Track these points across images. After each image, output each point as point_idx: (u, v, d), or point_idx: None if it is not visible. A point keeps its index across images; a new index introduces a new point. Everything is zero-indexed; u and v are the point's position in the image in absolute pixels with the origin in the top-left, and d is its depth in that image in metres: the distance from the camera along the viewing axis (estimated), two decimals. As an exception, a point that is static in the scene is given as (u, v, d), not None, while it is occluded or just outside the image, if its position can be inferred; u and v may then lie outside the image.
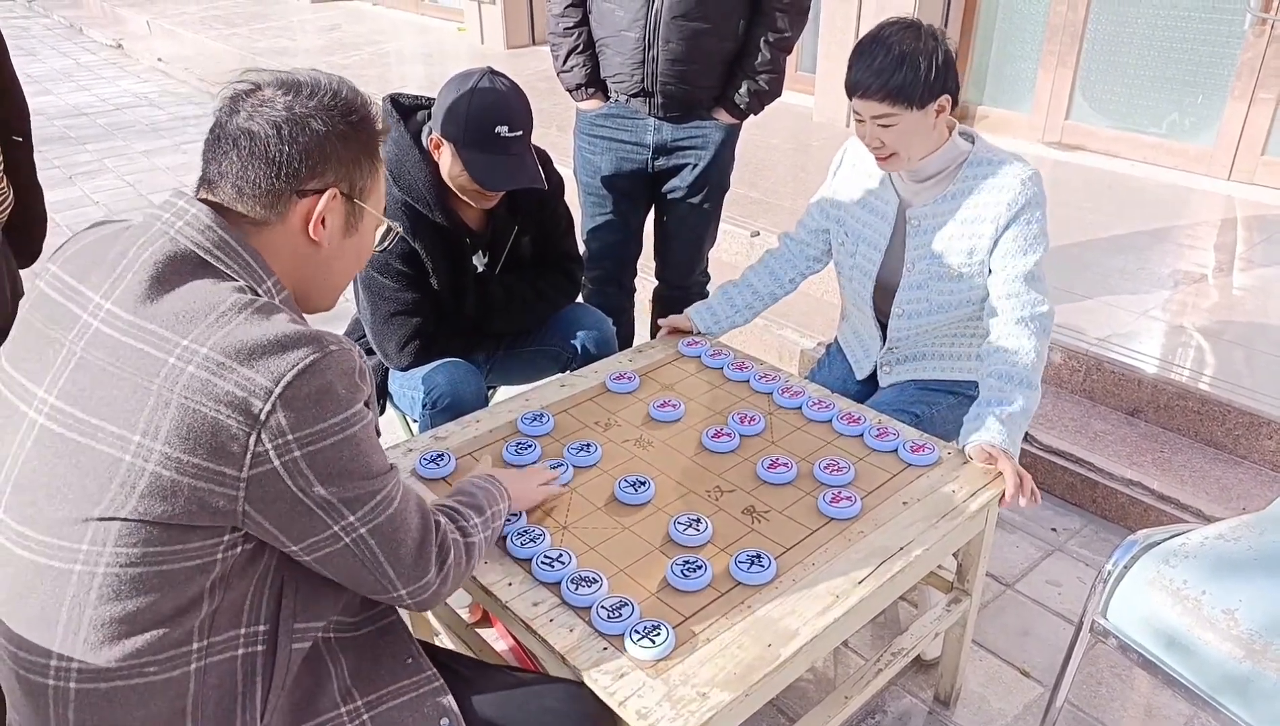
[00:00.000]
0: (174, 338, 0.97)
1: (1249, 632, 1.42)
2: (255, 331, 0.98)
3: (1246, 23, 3.79)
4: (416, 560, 1.12)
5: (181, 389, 0.95)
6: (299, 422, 0.97)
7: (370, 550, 1.08)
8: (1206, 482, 2.45)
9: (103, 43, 9.42)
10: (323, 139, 1.08)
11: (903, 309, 1.95)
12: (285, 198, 1.08)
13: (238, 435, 0.95)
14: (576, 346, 2.21)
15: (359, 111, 1.12)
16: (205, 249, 1.04)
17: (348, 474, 1.03)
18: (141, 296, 1.00)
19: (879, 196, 1.96)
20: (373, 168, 1.15)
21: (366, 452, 1.05)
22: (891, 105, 1.72)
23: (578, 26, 2.44)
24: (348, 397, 1.02)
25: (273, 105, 1.07)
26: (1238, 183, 4.03)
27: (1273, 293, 3.12)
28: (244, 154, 1.06)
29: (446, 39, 7.83)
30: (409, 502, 1.13)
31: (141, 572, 0.97)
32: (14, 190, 1.98)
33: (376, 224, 1.21)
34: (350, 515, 1.05)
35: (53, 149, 5.79)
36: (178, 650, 1.01)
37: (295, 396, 0.97)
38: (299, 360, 0.98)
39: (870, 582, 1.40)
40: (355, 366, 1.04)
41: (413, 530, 1.12)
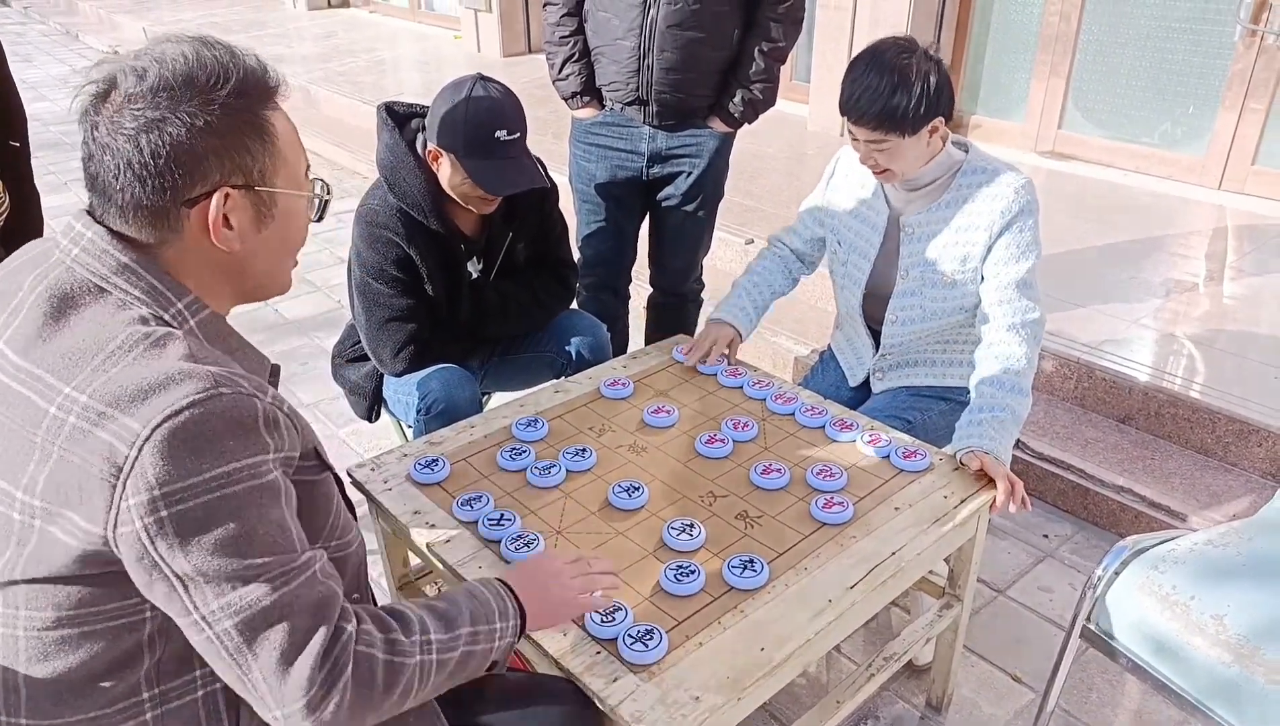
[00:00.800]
0: (58, 385, 0.88)
1: (1238, 637, 1.43)
2: (140, 372, 0.87)
3: (1237, 34, 3.82)
4: (284, 672, 0.90)
5: (62, 441, 0.86)
6: (169, 474, 0.84)
7: (236, 649, 0.89)
8: (1196, 489, 2.46)
9: (98, 49, 9.42)
10: (189, 138, 0.92)
11: (896, 316, 1.97)
12: (171, 214, 0.94)
13: (101, 487, 0.85)
14: (571, 352, 2.22)
15: (229, 84, 0.94)
16: (102, 276, 0.93)
17: (219, 545, 0.87)
18: (33, 336, 0.91)
19: (870, 206, 1.98)
20: (264, 143, 0.98)
21: (251, 520, 0.88)
22: (885, 132, 1.74)
23: (573, 35, 2.45)
24: (235, 449, 0.87)
25: (126, 110, 0.91)
26: (1228, 192, 4.06)
27: (1263, 302, 3.14)
28: (111, 175, 0.93)
29: (443, 47, 7.85)
30: (301, 596, 0.92)
31: (63, 635, 0.91)
32: (11, 196, 1.98)
33: (298, 198, 1.04)
34: (214, 601, 0.88)
35: (48, 155, 5.79)
36: (128, 701, 0.95)
37: (167, 441, 0.84)
38: (176, 401, 0.85)
39: (862, 588, 1.41)
40: (255, 415, 0.90)
41: (293, 633, 0.90)
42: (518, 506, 1.57)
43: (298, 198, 1.04)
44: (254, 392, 0.91)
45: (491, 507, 1.55)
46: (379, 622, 1.01)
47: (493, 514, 1.53)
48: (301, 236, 1.08)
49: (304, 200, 1.06)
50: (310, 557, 0.95)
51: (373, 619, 1.01)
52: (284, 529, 0.92)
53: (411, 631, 1.03)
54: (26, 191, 2.04)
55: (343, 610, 0.97)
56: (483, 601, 1.13)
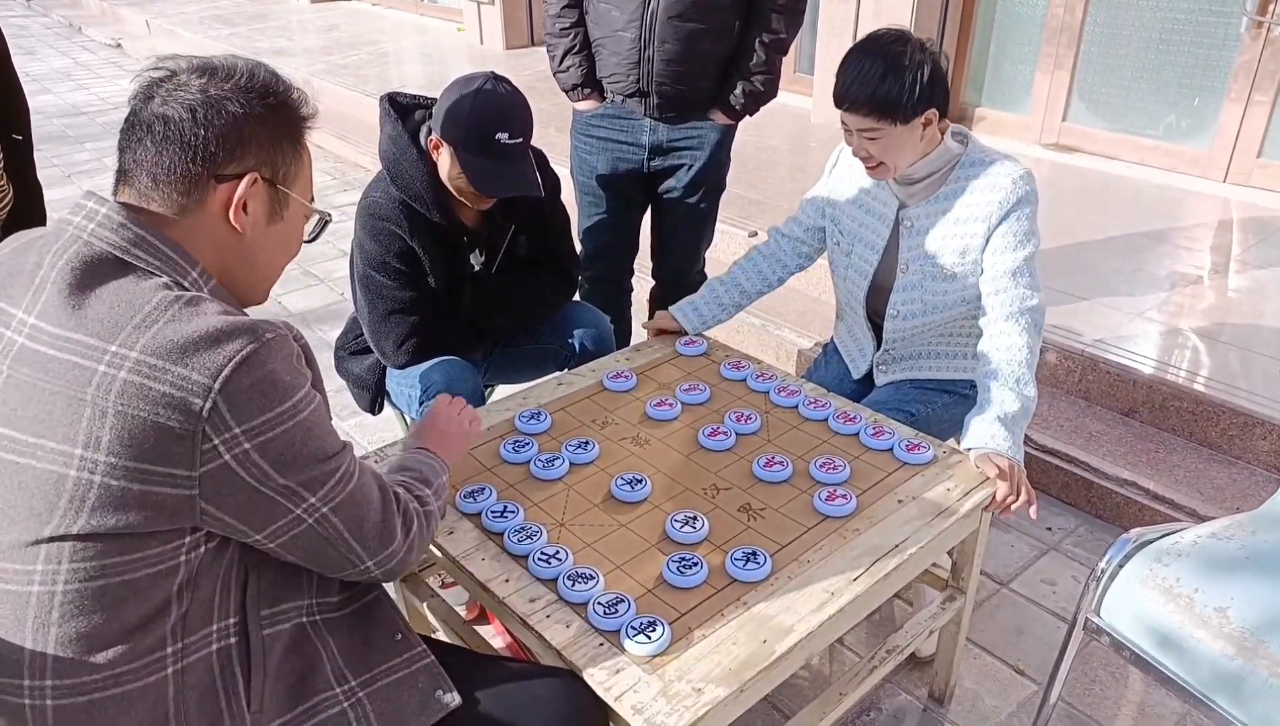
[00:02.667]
0: (101, 344, 0.94)
1: (1241, 630, 1.43)
2: (185, 328, 0.95)
3: (1243, 26, 3.80)
4: (382, 531, 1.14)
5: (116, 396, 0.92)
6: (244, 415, 0.96)
7: (335, 528, 1.08)
8: (1201, 482, 2.46)
9: (102, 42, 9.43)
10: (239, 121, 1.04)
11: (897, 310, 1.96)
12: (203, 183, 1.04)
13: (182, 435, 0.93)
14: (574, 344, 2.22)
15: (277, 94, 1.09)
16: (122, 248, 1.01)
17: (302, 459, 1.02)
18: (63, 306, 0.97)
19: (877, 198, 1.97)
20: (296, 153, 1.11)
21: (319, 435, 1.04)
22: (876, 120, 1.73)
23: (574, 27, 2.45)
24: (291, 384, 1.00)
25: (187, 89, 1.03)
26: (1234, 185, 4.05)
27: (1268, 295, 3.13)
28: (158, 140, 1.02)
29: (445, 39, 7.84)
30: (366, 477, 1.13)
31: (103, 584, 0.96)
32: (14, 188, 1.99)
33: (305, 213, 1.16)
34: (311, 497, 1.05)
35: (52, 147, 5.80)
36: (152, 656, 1.00)
37: (236, 390, 0.95)
38: (235, 352, 0.95)
39: (865, 580, 1.41)
40: (295, 351, 1.03)
41: (374, 503, 1.13)
42: (521, 498, 1.57)
43: (306, 210, 1.16)
44: (287, 331, 1.03)
45: (494, 499, 1.55)
46: (407, 488, 1.27)
47: (495, 506, 1.53)
48: (296, 246, 1.18)
49: (309, 214, 1.18)
50: (351, 448, 1.13)
51: (404, 487, 1.27)
52: (333, 433, 1.09)
53: (421, 490, 1.29)
54: (30, 184, 2.05)
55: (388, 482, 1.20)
56: (427, 463, 1.40)
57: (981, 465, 1.63)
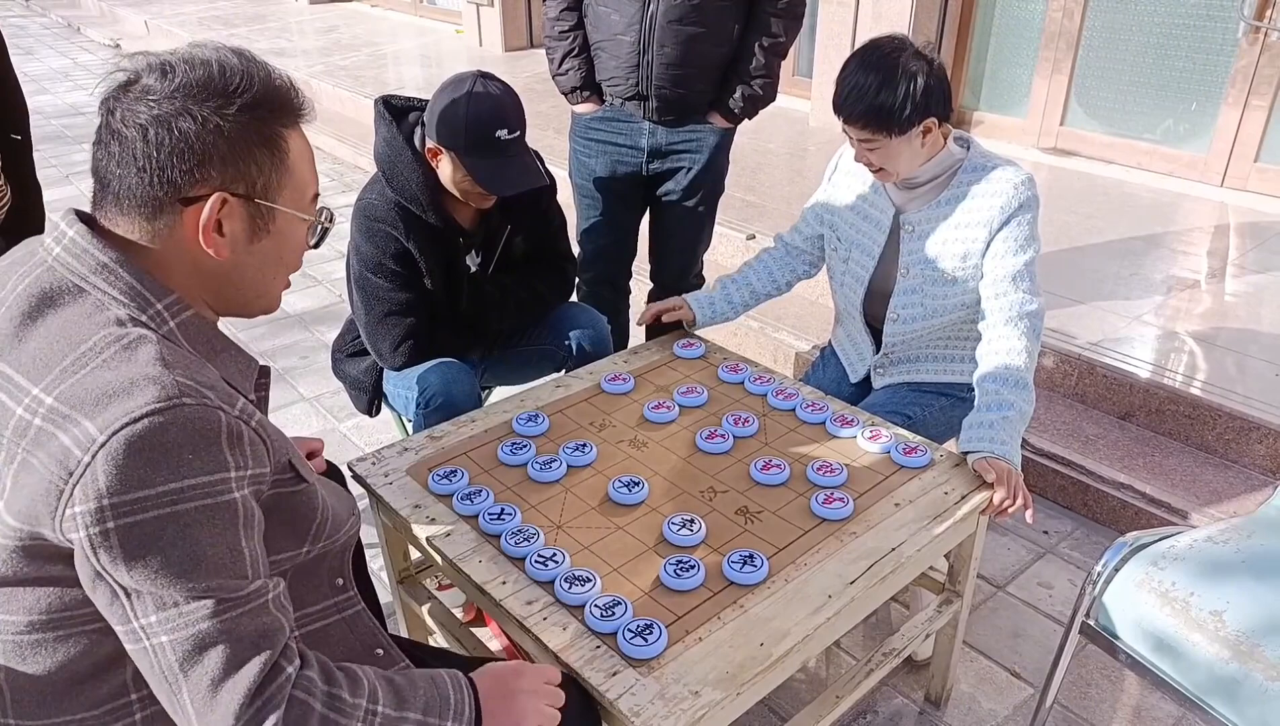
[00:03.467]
0: (26, 385, 0.88)
1: (1237, 634, 1.43)
2: (106, 376, 0.86)
3: (1240, 31, 3.81)
4: (211, 698, 0.87)
5: (27, 443, 0.86)
6: (116, 485, 0.82)
7: (168, 667, 0.87)
8: (1197, 486, 2.46)
9: (100, 42, 9.42)
10: (195, 138, 0.92)
11: (897, 314, 1.96)
12: (168, 207, 0.94)
13: (48, 493, 0.83)
14: (572, 345, 2.22)
15: (248, 93, 0.95)
16: (81, 276, 0.92)
17: (163, 563, 0.84)
18: (10, 336, 0.91)
19: (874, 204, 1.97)
20: (275, 159, 0.98)
21: (200, 541, 0.86)
22: (872, 132, 1.75)
23: (573, 30, 2.45)
24: (194, 464, 0.85)
25: (144, 100, 0.92)
26: (1231, 189, 4.05)
27: (1264, 299, 3.13)
28: (115, 161, 0.93)
29: (444, 41, 7.84)
30: (244, 625, 0.89)
31: (37, 639, 0.91)
32: (12, 189, 1.98)
33: (301, 220, 1.04)
34: (153, 613, 0.86)
35: (50, 148, 5.79)
36: (115, 703, 0.96)
37: (123, 449, 0.82)
38: (135, 408, 0.83)
39: (862, 583, 1.41)
40: (219, 429, 0.87)
41: (228, 660, 0.87)
42: (518, 501, 1.57)
43: (298, 219, 1.03)
44: (220, 405, 0.89)
45: (492, 502, 1.55)
46: (325, 672, 0.96)
47: (493, 508, 1.53)
48: (295, 258, 1.07)
49: (304, 223, 1.05)
50: (261, 586, 0.92)
51: (320, 667, 0.96)
52: (236, 552, 0.89)
53: (360, 693, 0.97)
54: (28, 184, 2.05)
55: (287, 648, 0.93)
56: (443, 695, 1.05)
57: (978, 469, 1.64)
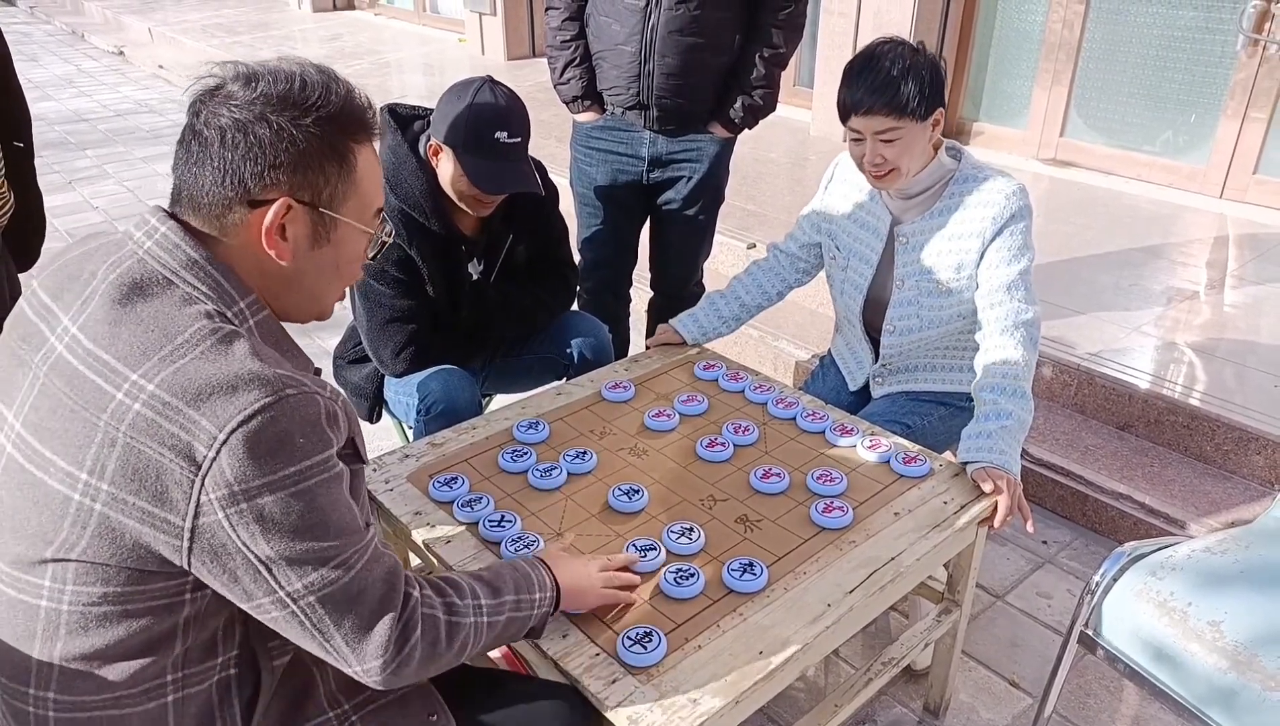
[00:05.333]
0: (124, 371, 0.92)
1: (1235, 645, 1.43)
2: (208, 369, 0.91)
3: (1239, 43, 3.83)
4: (364, 636, 0.99)
5: (128, 427, 0.89)
6: (246, 473, 0.89)
7: (319, 621, 0.97)
8: (1196, 497, 2.47)
9: (104, 49, 9.45)
10: (269, 144, 0.98)
11: (894, 326, 1.97)
12: (235, 208, 0.99)
13: (180, 481, 0.89)
14: (573, 353, 2.22)
15: (325, 107, 1.00)
16: (172, 270, 0.98)
17: (298, 532, 0.93)
18: (103, 321, 0.95)
19: (870, 212, 1.98)
20: (343, 171, 1.03)
21: (325, 509, 0.95)
22: (897, 119, 1.73)
23: (575, 39, 2.46)
24: (306, 447, 0.93)
25: (227, 105, 0.98)
26: (1230, 201, 4.07)
27: (1263, 310, 3.14)
28: (195, 162, 0.99)
29: (447, 49, 7.87)
30: (373, 570, 1.01)
31: (105, 611, 0.94)
32: (14, 195, 1.99)
33: (362, 232, 1.09)
34: (297, 581, 0.95)
35: (54, 154, 5.81)
36: (153, 683, 0.99)
37: (243, 444, 0.89)
38: (248, 405, 0.90)
39: (861, 592, 1.41)
40: (320, 412, 0.95)
41: (369, 602, 0.99)
42: (518, 508, 1.58)
43: (359, 231, 1.08)
44: (316, 390, 0.96)
45: (492, 509, 1.55)
46: (437, 589, 1.10)
47: (493, 515, 1.53)
48: (352, 269, 1.12)
49: (364, 236, 1.10)
50: (373, 533, 1.03)
51: (431, 585, 1.10)
52: (350, 511, 0.99)
53: (464, 596, 1.12)
54: (30, 191, 2.05)
55: (406, 578, 1.05)
56: (523, 574, 1.22)
57: (977, 478, 1.64)
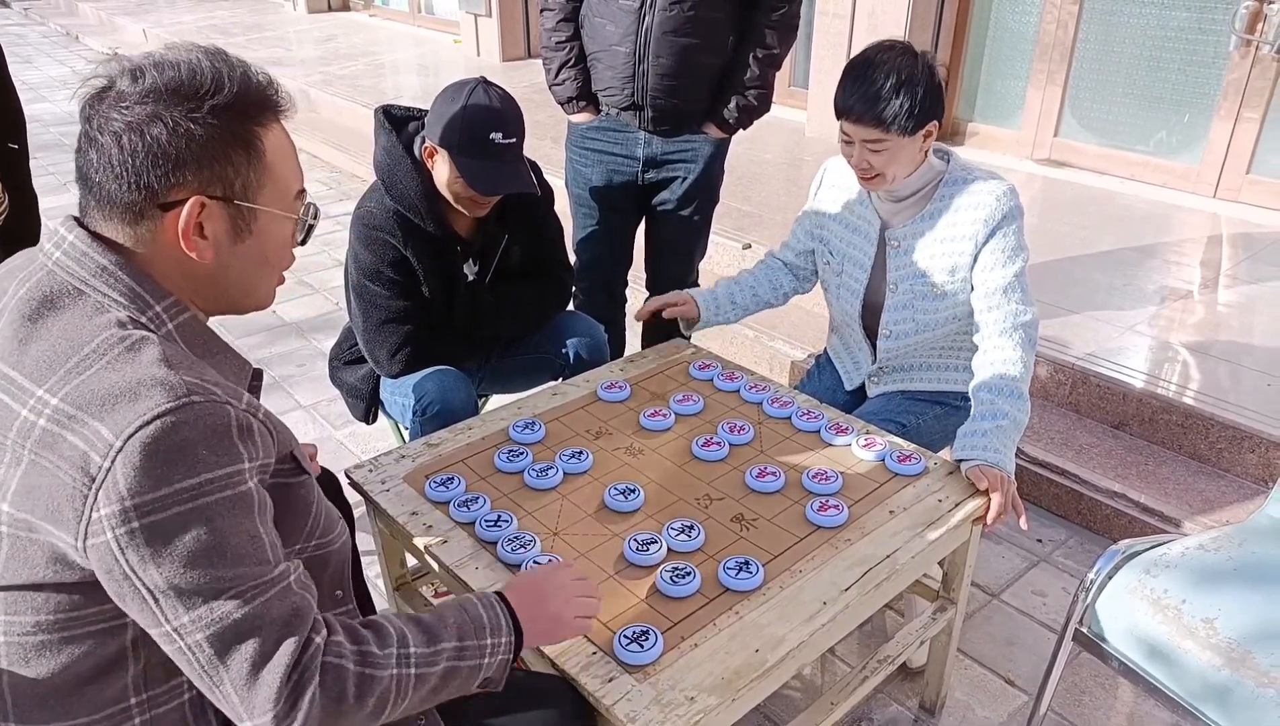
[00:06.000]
0: (30, 387, 0.88)
1: (1228, 641, 1.44)
2: (112, 377, 0.87)
3: (1232, 44, 3.85)
4: (253, 684, 0.90)
5: (33, 444, 0.86)
6: (140, 485, 0.84)
7: (206, 662, 0.89)
8: (1190, 495, 2.48)
9: (99, 51, 9.43)
10: (167, 142, 0.92)
11: (890, 330, 1.97)
12: (147, 213, 0.95)
13: (73, 497, 0.84)
14: (569, 353, 2.23)
15: (220, 95, 0.94)
16: (81, 279, 0.94)
17: (191, 559, 0.86)
18: (12, 338, 0.91)
19: (860, 216, 1.98)
20: (251, 158, 0.98)
21: (223, 532, 0.88)
22: (884, 131, 1.73)
23: (570, 40, 2.47)
24: (209, 460, 0.87)
25: (117, 108, 0.93)
26: (1223, 201, 4.08)
27: (1257, 309, 3.15)
28: (94, 168, 0.94)
29: (442, 51, 7.87)
30: (272, 609, 0.91)
31: (43, 640, 0.91)
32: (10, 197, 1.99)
33: (285, 218, 1.04)
34: (185, 614, 0.87)
35: (48, 156, 5.80)
36: (115, 707, 0.95)
37: (140, 452, 0.84)
38: (147, 410, 0.85)
39: (856, 590, 1.41)
40: (229, 423, 0.89)
41: (263, 645, 0.90)
42: (515, 508, 1.58)
43: (282, 218, 1.03)
44: (227, 400, 0.90)
45: (489, 509, 1.56)
46: (351, 634, 0.99)
47: (490, 515, 1.53)
48: (282, 255, 1.07)
49: (289, 221, 1.05)
50: (284, 569, 0.94)
51: (346, 630, 0.99)
52: (256, 540, 0.92)
53: (388, 644, 1.00)
54: (26, 192, 2.06)
55: (314, 621, 0.96)
56: (473, 616, 1.10)
57: (971, 477, 1.65)
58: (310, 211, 1.08)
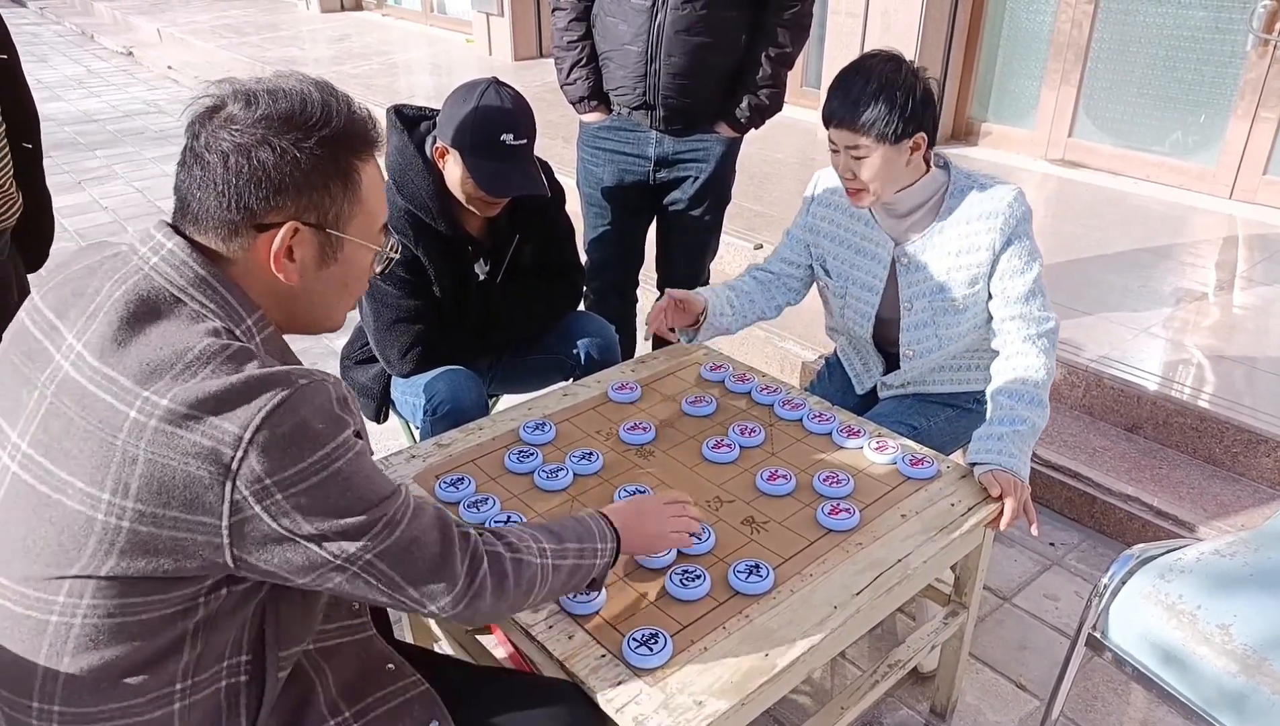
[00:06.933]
0: (136, 388, 0.91)
1: (1244, 648, 1.43)
2: (222, 380, 0.92)
3: (1249, 43, 3.81)
4: (438, 572, 1.04)
5: (147, 444, 0.90)
6: (275, 467, 0.91)
7: (383, 574, 1.01)
8: (1204, 499, 2.46)
9: (114, 50, 9.49)
10: (273, 168, 0.97)
11: (912, 349, 1.95)
12: (243, 232, 0.99)
13: (211, 486, 0.90)
14: (580, 354, 2.22)
15: (328, 127, 1.00)
16: (179, 287, 0.98)
17: (338, 510, 0.96)
18: (110, 339, 0.94)
19: (868, 238, 1.94)
20: (347, 190, 1.03)
21: (356, 485, 0.98)
22: (864, 137, 1.72)
23: (581, 40, 2.46)
24: (327, 432, 0.95)
25: (227, 128, 0.97)
26: (1239, 202, 4.05)
27: (1273, 312, 3.12)
28: (197, 184, 0.98)
29: (455, 50, 7.88)
30: (421, 519, 1.04)
31: (120, 622, 0.94)
32: (23, 196, 2.00)
33: (365, 249, 1.09)
34: (351, 546, 0.98)
35: (63, 154, 5.84)
36: (160, 692, 0.98)
37: (267, 440, 0.90)
38: (267, 402, 0.91)
39: (868, 594, 1.41)
40: (332, 398, 0.97)
41: (429, 544, 1.04)
42: (524, 509, 1.57)
43: (365, 248, 1.09)
44: (325, 377, 0.99)
45: (498, 509, 1.55)
46: (495, 533, 1.15)
47: (499, 516, 1.53)
48: (361, 284, 1.13)
49: (371, 252, 1.10)
50: (407, 488, 1.06)
51: (494, 532, 1.15)
52: (379, 477, 1.02)
53: (526, 540, 1.16)
54: (39, 192, 2.06)
55: (457, 522, 1.10)
56: (585, 525, 1.26)
57: (984, 482, 1.63)
58: (392, 246, 1.15)
